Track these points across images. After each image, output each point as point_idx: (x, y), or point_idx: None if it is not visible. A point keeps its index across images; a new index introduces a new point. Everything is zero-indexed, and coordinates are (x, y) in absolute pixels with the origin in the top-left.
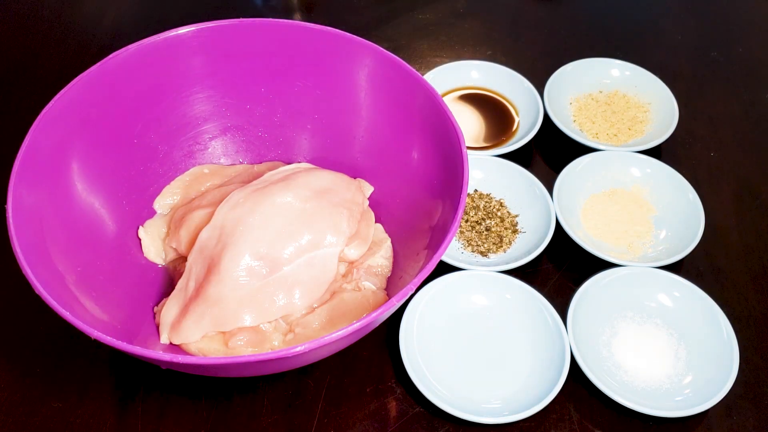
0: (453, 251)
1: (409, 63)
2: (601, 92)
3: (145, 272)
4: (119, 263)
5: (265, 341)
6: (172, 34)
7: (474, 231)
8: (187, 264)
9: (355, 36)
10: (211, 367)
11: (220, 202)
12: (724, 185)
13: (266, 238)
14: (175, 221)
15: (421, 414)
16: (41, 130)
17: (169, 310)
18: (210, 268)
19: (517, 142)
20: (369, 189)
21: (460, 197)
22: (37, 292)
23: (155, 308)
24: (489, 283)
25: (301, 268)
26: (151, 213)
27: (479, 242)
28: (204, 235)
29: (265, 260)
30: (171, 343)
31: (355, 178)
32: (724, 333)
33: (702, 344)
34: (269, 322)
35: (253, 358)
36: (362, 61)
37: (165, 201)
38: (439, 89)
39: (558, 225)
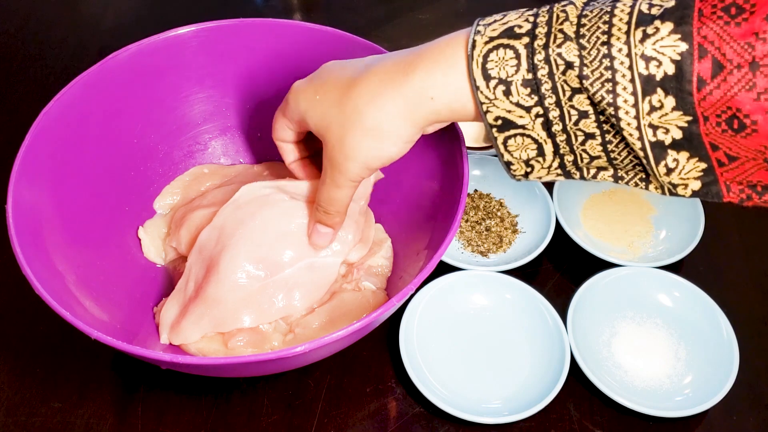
0: (453, 251)
1: None
2: None
3: (145, 272)
4: (119, 263)
5: (265, 341)
6: (172, 34)
7: (474, 231)
8: (187, 264)
9: (355, 36)
10: (211, 367)
11: (220, 202)
12: None
13: (266, 241)
14: (175, 221)
15: (421, 414)
16: (41, 130)
17: (169, 310)
18: (209, 269)
19: None
20: (379, 175)
21: (460, 197)
22: (37, 292)
23: (155, 308)
24: (489, 283)
25: (301, 272)
26: (151, 213)
27: (479, 242)
28: (204, 235)
29: (265, 263)
30: (171, 344)
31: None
32: (724, 333)
33: (702, 344)
34: (269, 322)
35: (253, 358)
36: None
37: (165, 201)
38: None
39: (558, 225)
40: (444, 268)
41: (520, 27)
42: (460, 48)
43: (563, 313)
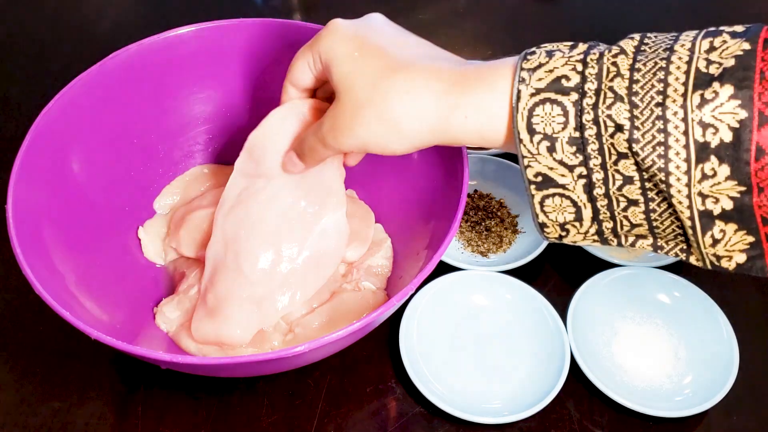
0: (453, 251)
1: None
2: None
3: (145, 272)
4: (119, 263)
5: (265, 341)
6: (172, 34)
7: (474, 231)
8: (203, 285)
9: None
10: (211, 367)
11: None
12: None
13: (270, 229)
14: (175, 221)
15: (421, 414)
16: (41, 130)
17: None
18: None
19: None
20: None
21: (460, 197)
22: (37, 292)
23: (155, 308)
24: (489, 283)
25: (316, 242)
26: (151, 213)
27: (479, 242)
28: (210, 253)
29: (280, 248)
30: (172, 339)
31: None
32: (724, 333)
33: (702, 344)
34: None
35: (253, 358)
36: None
37: (165, 201)
38: None
39: None
40: (444, 268)
41: (568, 79)
42: (503, 77)
43: (563, 313)
